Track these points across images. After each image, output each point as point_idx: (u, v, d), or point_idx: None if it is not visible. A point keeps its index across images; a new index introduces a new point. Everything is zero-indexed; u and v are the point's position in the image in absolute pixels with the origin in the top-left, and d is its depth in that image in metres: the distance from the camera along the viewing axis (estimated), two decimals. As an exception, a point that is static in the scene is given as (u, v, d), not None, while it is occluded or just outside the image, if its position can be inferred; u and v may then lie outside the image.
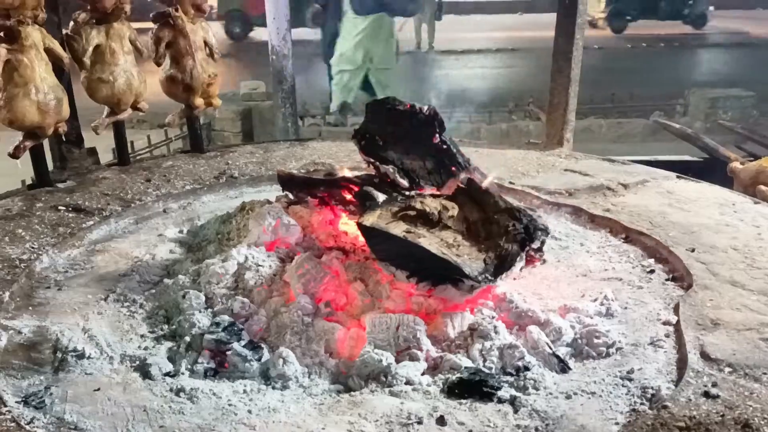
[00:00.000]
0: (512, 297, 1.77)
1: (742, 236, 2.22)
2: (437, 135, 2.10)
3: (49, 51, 2.58)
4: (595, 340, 1.67)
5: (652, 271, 2.09)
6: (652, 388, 1.49)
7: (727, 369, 1.52)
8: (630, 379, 1.54)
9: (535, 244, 1.81)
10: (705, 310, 1.77)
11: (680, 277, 2.02)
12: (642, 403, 1.45)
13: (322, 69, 8.23)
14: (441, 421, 1.41)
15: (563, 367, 1.59)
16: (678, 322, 1.73)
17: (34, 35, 2.52)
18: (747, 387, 1.45)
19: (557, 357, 1.61)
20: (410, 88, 8.95)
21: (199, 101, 3.16)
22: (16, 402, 1.47)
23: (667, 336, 1.71)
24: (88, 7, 2.78)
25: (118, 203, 2.58)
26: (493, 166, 2.99)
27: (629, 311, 1.85)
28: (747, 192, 2.99)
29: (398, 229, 1.76)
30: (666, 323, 1.76)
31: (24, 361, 1.63)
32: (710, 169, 4.01)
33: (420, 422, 1.41)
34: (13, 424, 1.36)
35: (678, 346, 1.65)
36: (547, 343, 1.64)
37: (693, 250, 2.12)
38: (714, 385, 1.46)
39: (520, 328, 1.71)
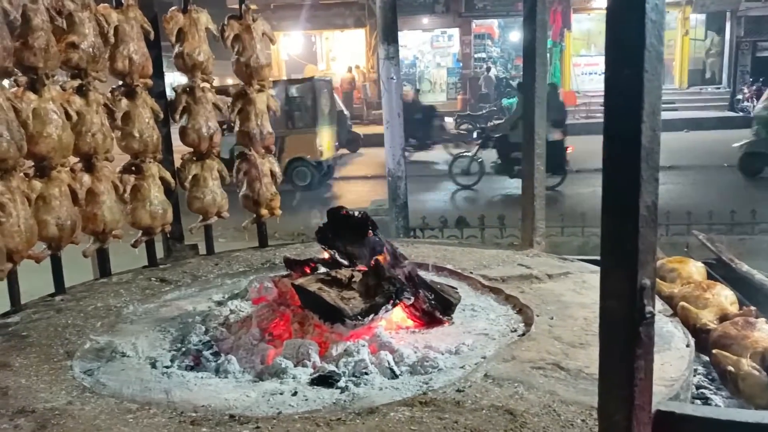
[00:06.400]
0: (380, 333, 2.65)
1: (602, 311, 2.87)
2: (370, 232, 3.09)
3: (162, 178, 4.01)
4: (425, 363, 2.48)
5: (514, 331, 2.83)
6: (428, 385, 2.28)
7: (489, 381, 2.27)
8: (426, 383, 2.34)
9: (407, 300, 2.71)
10: (515, 352, 2.51)
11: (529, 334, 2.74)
12: (419, 393, 2.25)
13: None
14: (294, 394, 2.32)
15: (393, 375, 2.43)
16: (487, 357, 2.49)
17: (153, 169, 3.96)
18: (487, 387, 2.20)
19: (390, 369, 2.45)
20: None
21: (264, 212, 4.42)
22: (79, 371, 2.62)
23: (476, 364, 2.47)
24: (192, 150, 4.23)
25: (190, 278, 3.81)
26: (466, 260, 3.87)
27: (472, 352, 2.63)
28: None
29: (314, 287, 2.74)
30: (483, 357, 2.52)
31: (93, 355, 2.80)
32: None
33: (282, 394, 2.33)
34: (71, 377, 2.50)
35: (472, 369, 2.41)
36: (388, 361, 2.48)
37: (552, 318, 2.83)
38: (470, 386, 2.22)
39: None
